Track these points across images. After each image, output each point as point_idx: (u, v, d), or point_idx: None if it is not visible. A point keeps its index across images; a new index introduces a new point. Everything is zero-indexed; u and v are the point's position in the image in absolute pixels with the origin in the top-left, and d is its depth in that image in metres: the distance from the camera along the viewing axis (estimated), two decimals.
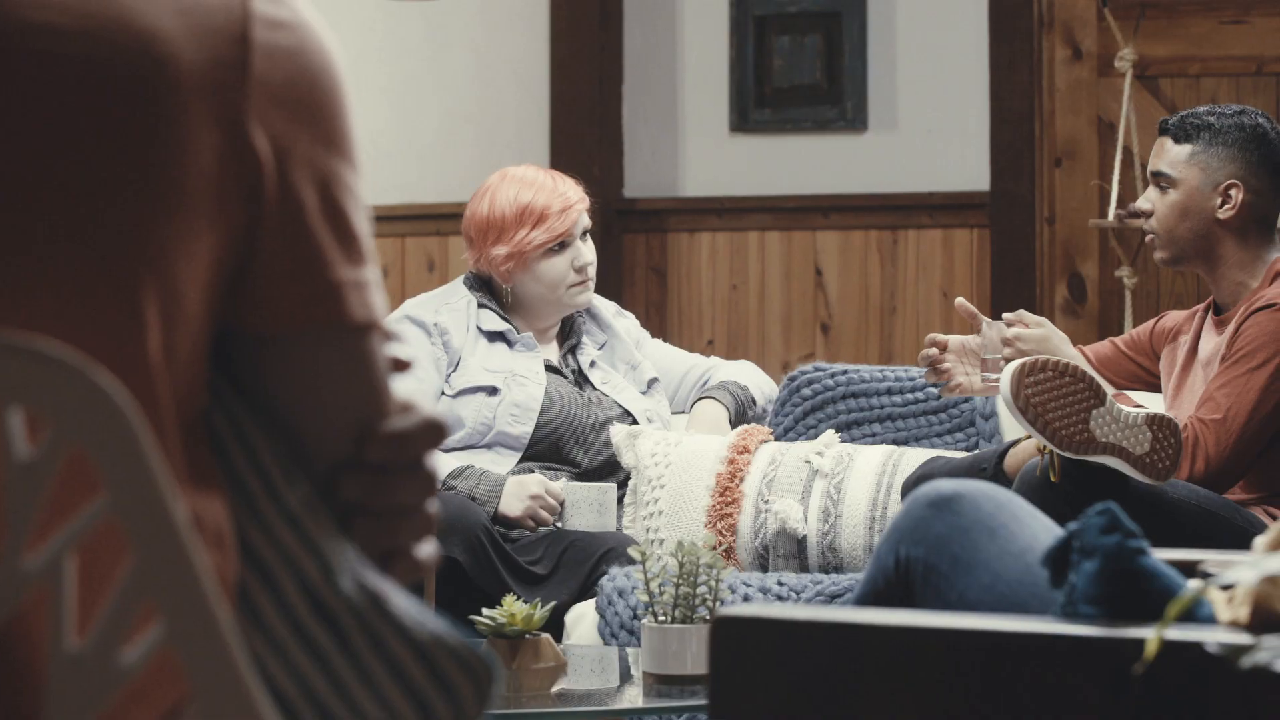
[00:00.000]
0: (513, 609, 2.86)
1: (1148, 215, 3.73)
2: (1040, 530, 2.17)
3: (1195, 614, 1.89)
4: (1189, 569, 2.11)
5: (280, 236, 1.34)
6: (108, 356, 1.26)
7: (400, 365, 1.43)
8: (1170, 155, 3.70)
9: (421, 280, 5.99)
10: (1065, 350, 3.62)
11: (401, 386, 1.43)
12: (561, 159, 5.93)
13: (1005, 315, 3.71)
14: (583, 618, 3.67)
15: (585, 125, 5.92)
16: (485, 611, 2.91)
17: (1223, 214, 3.65)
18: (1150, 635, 1.73)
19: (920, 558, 2.18)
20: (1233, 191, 3.64)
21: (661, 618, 2.90)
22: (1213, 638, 1.70)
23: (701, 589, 2.88)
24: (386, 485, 1.39)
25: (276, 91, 1.35)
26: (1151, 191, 3.74)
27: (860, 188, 5.79)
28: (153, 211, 1.29)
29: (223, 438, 1.35)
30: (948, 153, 5.71)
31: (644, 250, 5.97)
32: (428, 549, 1.44)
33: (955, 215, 5.72)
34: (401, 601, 1.36)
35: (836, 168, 5.81)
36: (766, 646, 1.90)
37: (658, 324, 5.92)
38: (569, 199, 4.16)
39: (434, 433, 1.42)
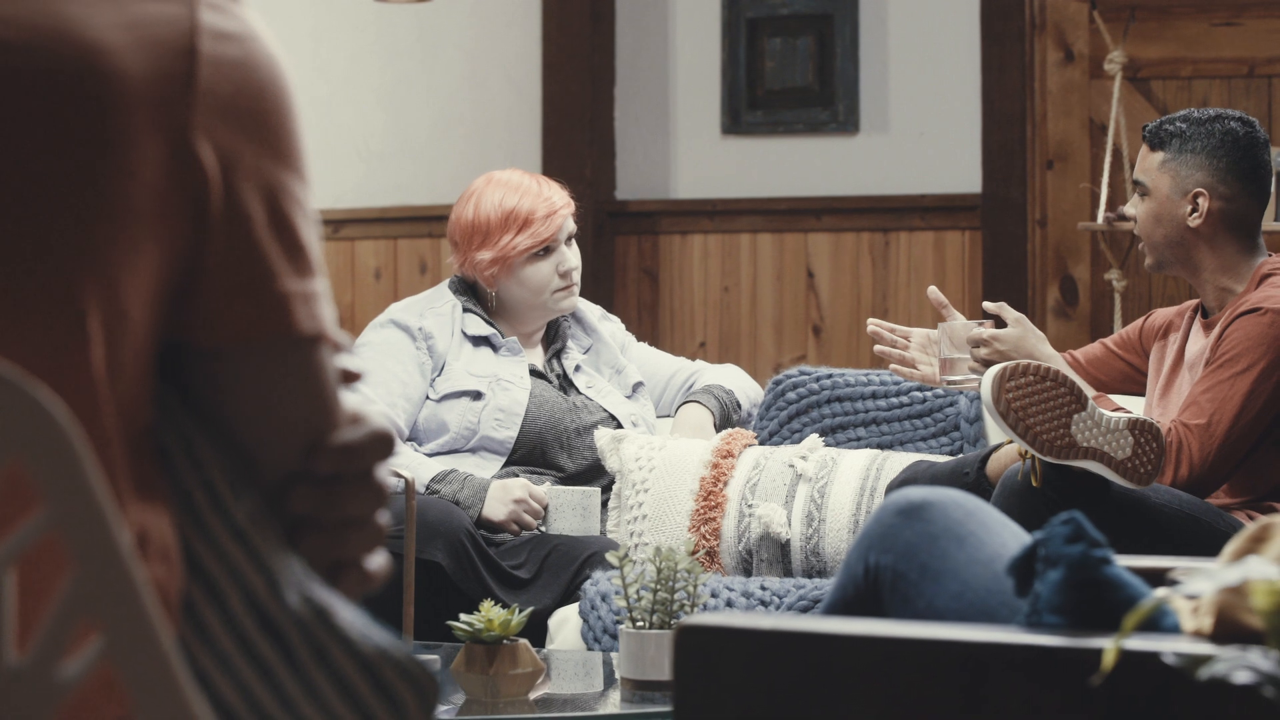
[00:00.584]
0: (490, 614, 2.86)
1: (1132, 220, 3.74)
2: (1009, 538, 2.17)
3: (1159, 624, 1.89)
4: (1159, 576, 2.10)
5: (227, 249, 1.34)
6: (50, 371, 1.26)
7: (350, 377, 1.43)
8: (1146, 162, 3.71)
9: (414, 282, 5.99)
10: (1042, 350, 3.62)
11: (351, 398, 1.43)
12: (553, 161, 5.93)
13: (986, 305, 3.70)
14: (566, 622, 3.67)
15: (577, 127, 5.92)
16: (463, 617, 2.90)
17: (1192, 221, 3.64)
18: (1133, 645, 1.73)
19: (889, 565, 2.18)
20: (1199, 199, 3.64)
21: (639, 623, 2.89)
22: (1172, 648, 1.70)
23: (679, 594, 2.88)
24: (336, 497, 1.39)
25: (223, 104, 1.34)
26: (1135, 198, 3.74)
27: (852, 190, 5.79)
28: (97, 225, 1.28)
29: (170, 451, 1.35)
30: (939, 155, 5.71)
31: (636, 252, 5.97)
32: (378, 561, 1.44)
33: (947, 217, 5.71)
34: (347, 615, 1.36)
35: (828, 170, 5.80)
36: (731, 656, 1.89)
37: (649, 326, 5.92)
38: (554, 204, 4.15)
39: (383, 444, 1.42)
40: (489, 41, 6.07)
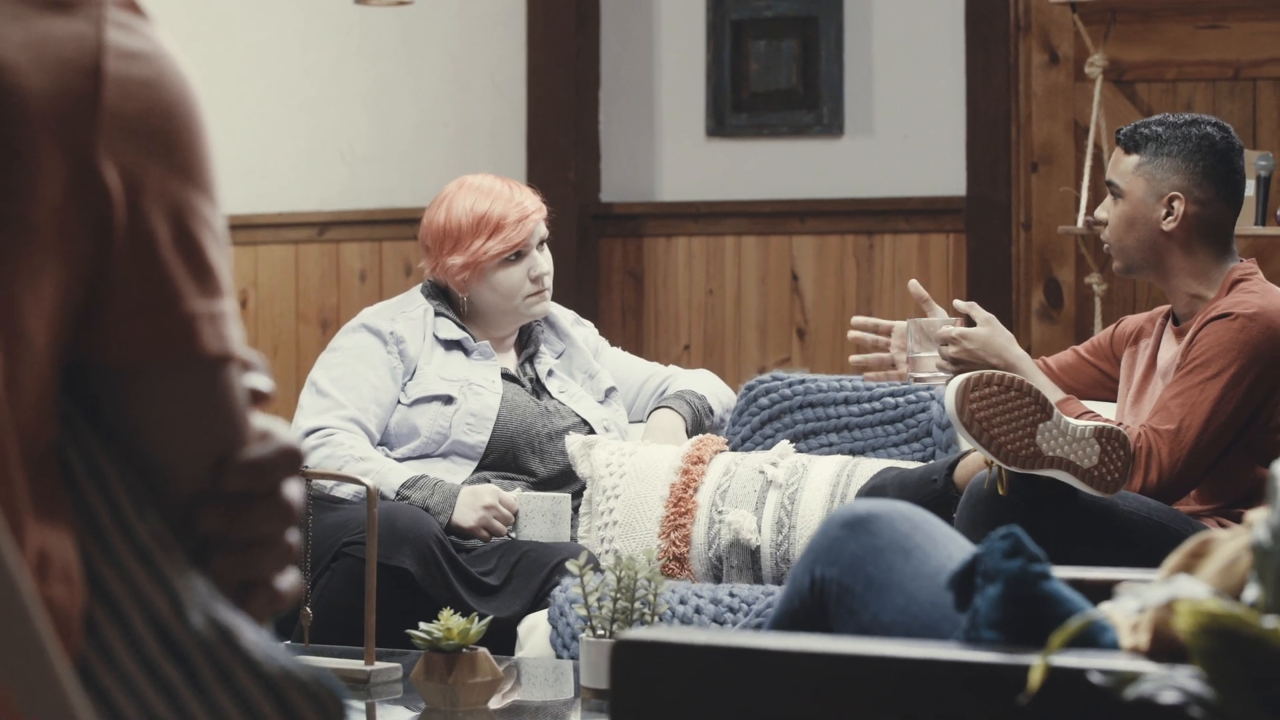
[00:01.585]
0: (449, 623, 2.85)
1: (1105, 224, 3.72)
2: (956, 551, 2.16)
3: (1098, 640, 1.88)
4: (1109, 589, 2.09)
5: (131, 270, 1.33)
6: None
7: (259, 397, 1.43)
8: (1120, 165, 3.70)
9: (399, 284, 5.98)
10: (1012, 350, 3.60)
11: (261, 416, 1.43)
12: (538, 163, 5.92)
13: (957, 303, 3.69)
14: (535, 628, 3.66)
15: (562, 130, 5.92)
16: (422, 625, 2.89)
17: (1166, 225, 3.63)
18: (1053, 661, 1.72)
19: (835, 578, 2.17)
20: (1175, 203, 3.62)
21: (600, 632, 2.89)
22: (1100, 665, 1.69)
23: (639, 603, 2.87)
24: (244, 516, 1.39)
25: (129, 123, 1.34)
26: (1108, 200, 3.73)
27: (836, 192, 5.78)
28: None
29: (74, 470, 1.34)
30: (924, 157, 5.70)
31: (620, 255, 5.96)
32: (289, 580, 1.43)
33: (931, 220, 5.70)
34: (252, 635, 1.35)
35: (813, 172, 5.80)
36: (668, 671, 1.89)
37: (634, 329, 5.91)
38: (526, 209, 4.13)
39: (291, 461, 1.42)
40: (474, 44, 6.07)
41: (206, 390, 1.37)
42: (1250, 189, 5.07)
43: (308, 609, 3.27)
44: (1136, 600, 1.62)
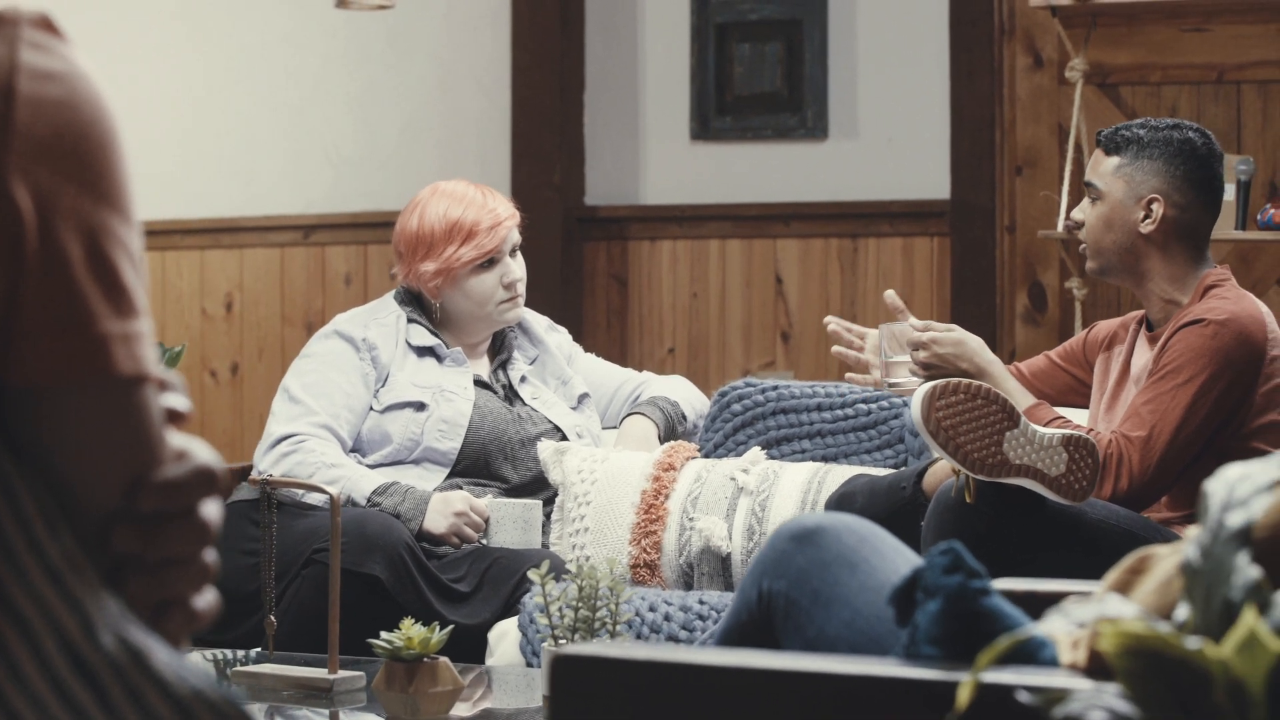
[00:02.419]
0: (410, 632, 2.85)
1: (1079, 225, 3.72)
2: (903, 564, 2.16)
3: (1037, 656, 1.88)
4: (1058, 601, 2.09)
5: (43, 291, 1.33)
6: None
7: (175, 416, 1.43)
8: (1100, 167, 3.69)
9: (384, 287, 5.98)
10: (983, 355, 3.59)
11: (177, 435, 1.43)
12: (523, 167, 5.92)
13: (913, 321, 3.68)
14: (505, 635, 3.66)
15: (546, 133, 5.91)
16: (383, 634, 2.89)
17: (1144, 227, 3.62)
18: (985, 679, 1.72)
19: (782, 591, 2.17)
20: (1154, 205, 3.62)
21: (562, 640, 2.88)
22: (1029, 683, 1.68)
23: (602, 612, 2.87)
24: (159, 536, 1.39)
25: (42, 144, 1.34)
26: (1085, 202, 3.73)
27: (821, 196, 5.78)
28: None
29: None
30: (908, 161, 5.69)
31: (605, 258, 5.96)
32: (207, 599, 1.43)
33: (916, 223, 5.70)
34: (163, 656, 1.35)
35: (797, 176, 5.79)
36: (605, 687, 1.89)
37: (618, 332, 5.91)
38: (498, 215, 4.13)
39: (206, 481, 1.41)
40: (459, 47, 6.07)
41: (120, 410, 1.37)
42: (1230, 193, 5.06)
43: (272, 618, 3.27)
44: (1064, 619, 1.62)
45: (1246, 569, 1.61)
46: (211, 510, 1.43)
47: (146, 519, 1.38)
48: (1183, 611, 1.62)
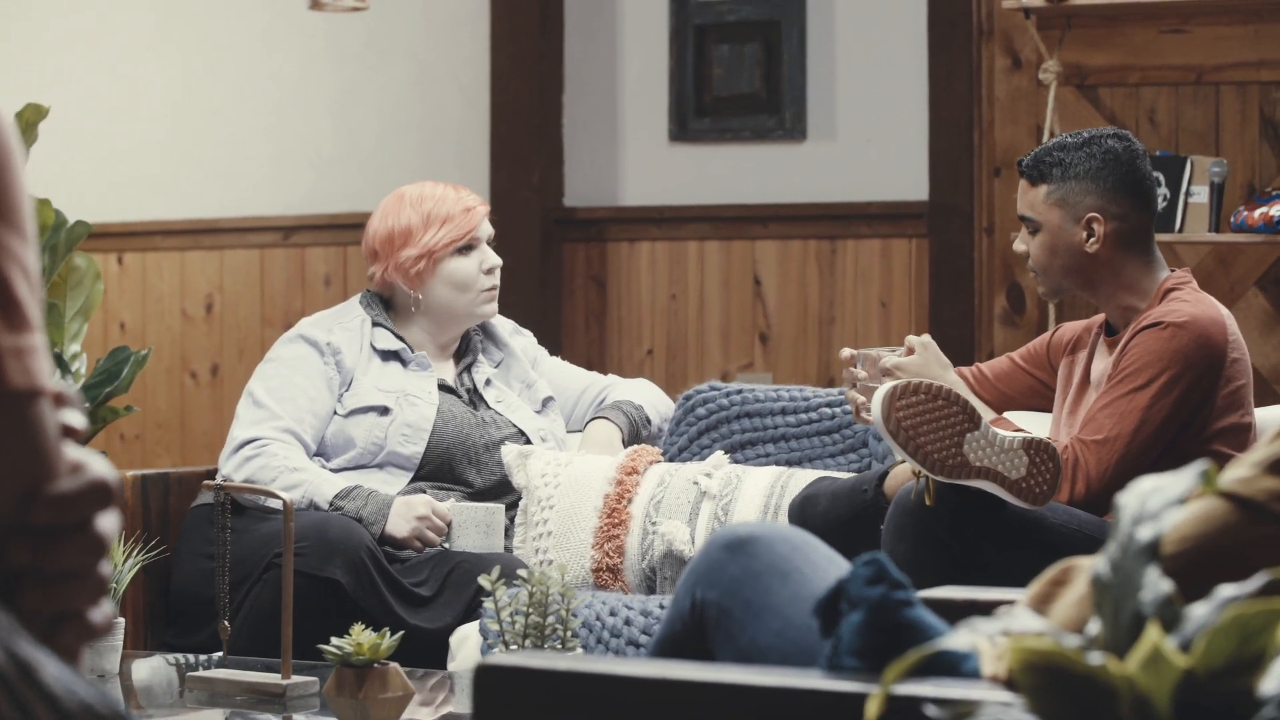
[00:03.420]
0: (360, 638, 2.85)
1: (1026, 256, 3.71)
2: (835, 574, 2.15)
3: (960, 668, 1.87)
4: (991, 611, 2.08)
5: None
6: None
7: (71, 432, 1.43)
8: (1029, 198, 3.67)
9: (364, 288, 5.98)
10: (946, 376, 3.60)
11: (73, 448, 1.43)
12: (502, 167, 5.92)
13: (882, 349, 3.66)
14: (467, 640, 3.66)
15: (525, 134, 5.91)
16: (333, 640, 2.89)
17: (1090, 247, 3.61)
18: (896, 691, 1.71)
19: (714, 601, 2.16)
20: (1094, 225, 3.60)
21: (513, 647, 2.88)
22: (939, 695, 1.68)
23: (552, 618, 2.87)
24: (54, 548, 1.39)
25: None
26: (1024, 233, 3.71)
27: (799, 197, 5.77)
28: None
29: None
30: (886, 162, 5.69)
31: (584, 259, 5.96)
32: (103, 611, 1.43)
33: (894, 225, 5.69)
34: (53, 670, 1.35)
35: (775, 177, 5.79)
36: (528, 697, 1.88)
37: (597, 334, 5.91)
38: (470, 203, 4.19)
39: (101, 494, 1.41)
40: (438, 48, 6.06)
41: (13, 424, 1.37)
42: (1203, 195, 5.05)
43: (226, 623, 3.27)
44: (970, 632, 1.61)
45: (1155, 583, 1.61)
46: (107, 523, 1.43)
47: (41, 532, 1.38)
48: (1093, 626, 1.62)
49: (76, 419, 1.45)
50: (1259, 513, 1.86)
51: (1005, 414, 3.82)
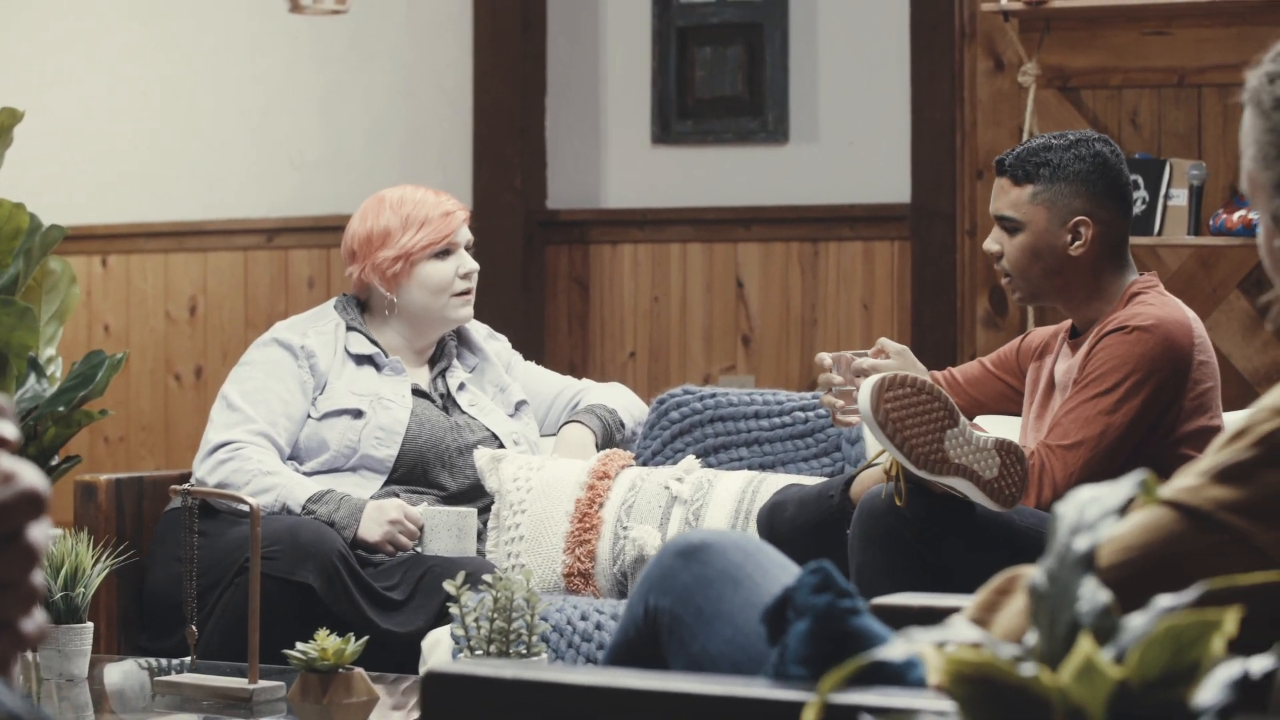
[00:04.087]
0: (324, 643, 2.85)
1: (998, 257, 3.65)
2: (788, 581, 2.15)
3: (905, 677, 1.87)
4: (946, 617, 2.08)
5: None
6: None
7: (3, 442, 1.42)
8: (1012, 197, 3.61)
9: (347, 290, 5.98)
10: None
11: (4, 459, 1.42)
12: (484, 170, 5.92)
13: (855, 352, 3.64)
14: (439, 644, 3.65)
15: (508, 136, 5.91)
16: (298, 645, 2.89)
17: (1074, 251, 3.55)
18: (834, 700, 1.71)
19: (667, 608, 2.16)
20: (1082, 229, 3.55)
21: (478, 652, 2.88)
22: (880, 704, 1.68)
23: (517, 624, 2.87)
24: None
25: None
26: (998, 233, 3.65)
27: (781, 199, 5.77)
28: None
29: None
30: (869, 164, 5.69)
31: (566, 262, 5.96)
32: (35, 621, 1.43)
33: (876, 227, 5.70)
34: None
35: (758, 179, 5.79)
36: (474, 705, 1.88)
37: (580, 336, 5.91)
38: (449, 207, 4.19)
39: (32, 505, 1.41)
40: (421, 50, 6.07)
41: None
42: (1182, 199, 5.05)
43: (193, 627, 3.27)
44: (906, 642, 1.61)
45: (1092, 594, 1.61)
46: (38, 533, 1.42)
47: None
48: (1030, 637, 1.62)
49: (8, 429, 1.44)
50: (1205, 522, 1.86)
51: (976, 419, 3.81)
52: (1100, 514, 1.66)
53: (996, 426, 3.81)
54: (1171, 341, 3.43)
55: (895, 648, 1.65)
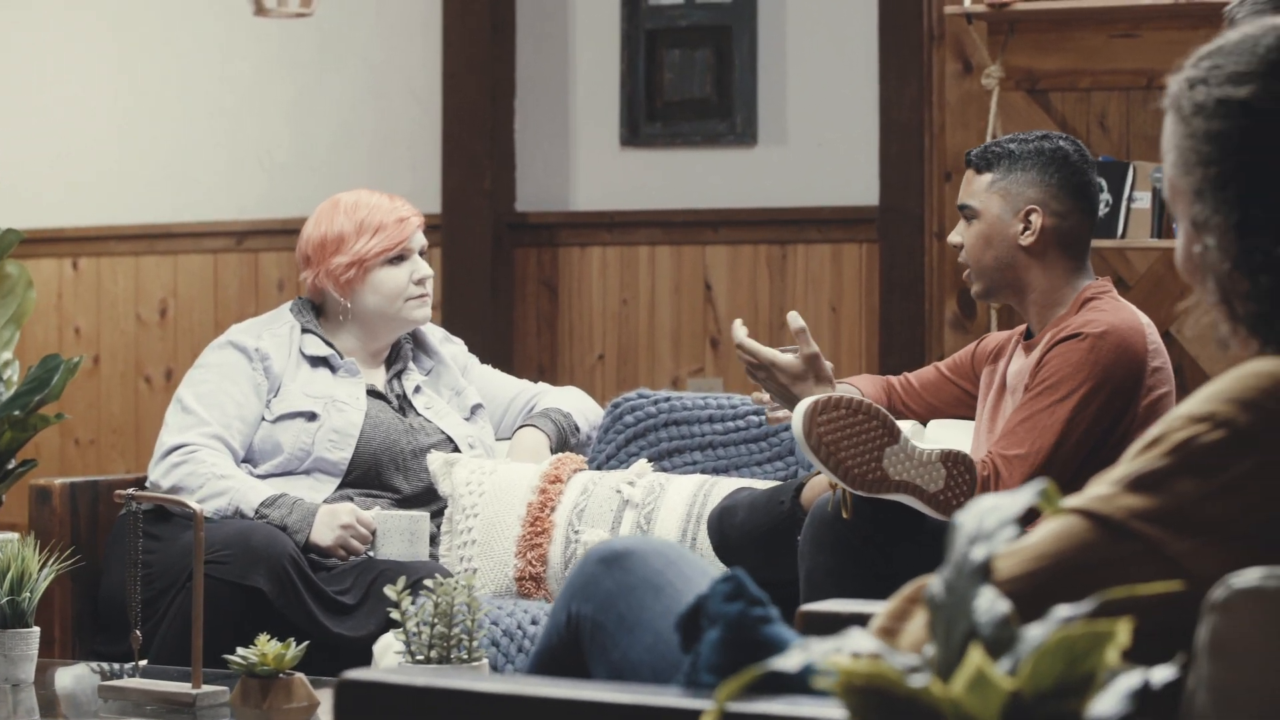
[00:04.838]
0: (265, 648, 2.84)
1: (960, 248, 3.67)
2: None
3: (812, 687, 1.87)
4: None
5: None
6: None
7: None
8: (973, 186, 3.64)
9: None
10: (815, 390, 3.46)
11: None
12: (453, 172, 5.92)
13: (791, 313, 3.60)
14: (389, 648, 3.65)
15: (477, 138, 5.91)
16: (239, 650, 2.89)
17: (1024, 240, 3.56)
18: (733, 709, 1.71)
19: (589, 615, 2.16)
20: (1033, 217, 3.56)
21: (419, 658, 2.88)
22: (776, 713, 1.68)
23: (458, 629, 2.86)
24: None
25: None
26: (961, 224, 3.67)
27: (750, 202, 5.77)
28: None
29: None
30: (837, 167, 5.69)
31: (535, 264, 5.96)
32: None
33: (845, 230, 5.69)
34: None
35: (726, 182, 5.79)
36: (388, 712, 1.88)
37: (548, 338, 5.91)
38: (404, 213, 4.19)
39: None
40: (391, 53, 6.06)
41: None
42: (1146, 201, 5.05)
43: (138, 632, 3.27)
44: (803, 651, 1.61)
45: (989, 604, 1.60)
46: None
47: None
48: (928, 648, 1.61)
49: None
50: (1117, 531, 1.86)
51: (930, 424, 3.81)
52: (999, 523, 1.66)
53: (952, 432, 3.81)
54: (1125, 348, 3.42)
55: (791, 658, 1.64)
